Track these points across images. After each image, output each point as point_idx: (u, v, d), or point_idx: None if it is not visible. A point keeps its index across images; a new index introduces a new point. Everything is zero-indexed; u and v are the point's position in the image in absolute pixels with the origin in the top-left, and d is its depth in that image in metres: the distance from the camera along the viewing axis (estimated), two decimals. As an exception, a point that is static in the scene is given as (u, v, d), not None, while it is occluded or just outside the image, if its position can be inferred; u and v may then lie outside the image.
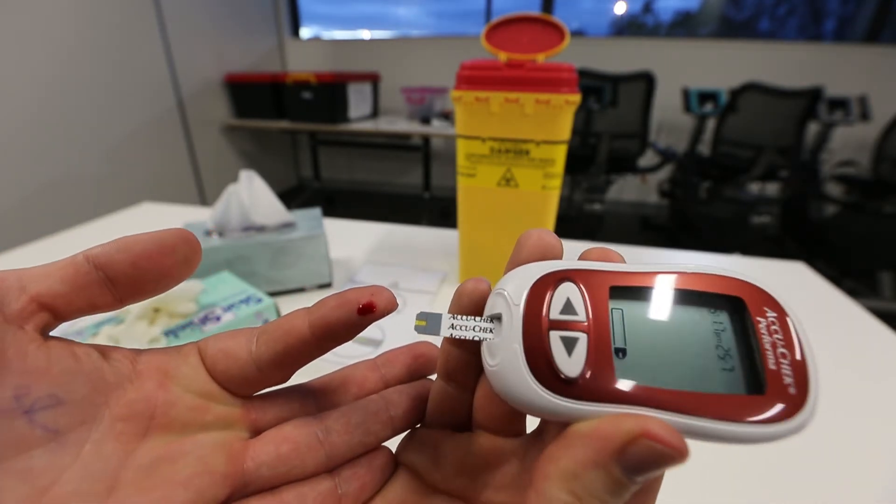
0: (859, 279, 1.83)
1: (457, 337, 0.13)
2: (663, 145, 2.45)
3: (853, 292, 0.78)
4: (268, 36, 2.80)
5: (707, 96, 2.17)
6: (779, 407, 0.11)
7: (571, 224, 2.46)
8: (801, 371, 0.11)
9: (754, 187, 2.17)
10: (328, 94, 2.25)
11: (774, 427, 0.11)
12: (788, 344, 0.11)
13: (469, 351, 0.14)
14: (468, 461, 0.14)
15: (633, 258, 0.57)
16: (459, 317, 0.13)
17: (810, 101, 1.94)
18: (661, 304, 0.12)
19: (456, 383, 0.14)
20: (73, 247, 0.72)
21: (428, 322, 0.13)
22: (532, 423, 0.15)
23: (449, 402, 0.15)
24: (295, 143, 3.16)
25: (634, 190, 2.83)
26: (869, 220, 1.78)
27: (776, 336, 0.12)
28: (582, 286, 0.12)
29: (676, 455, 0.10)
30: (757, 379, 0.11)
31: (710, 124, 2.20)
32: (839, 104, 1.98)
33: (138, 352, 0.13)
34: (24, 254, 0.67)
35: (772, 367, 0.11)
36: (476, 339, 0.13)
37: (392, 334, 0.49)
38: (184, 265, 0.13)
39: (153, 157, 2.03)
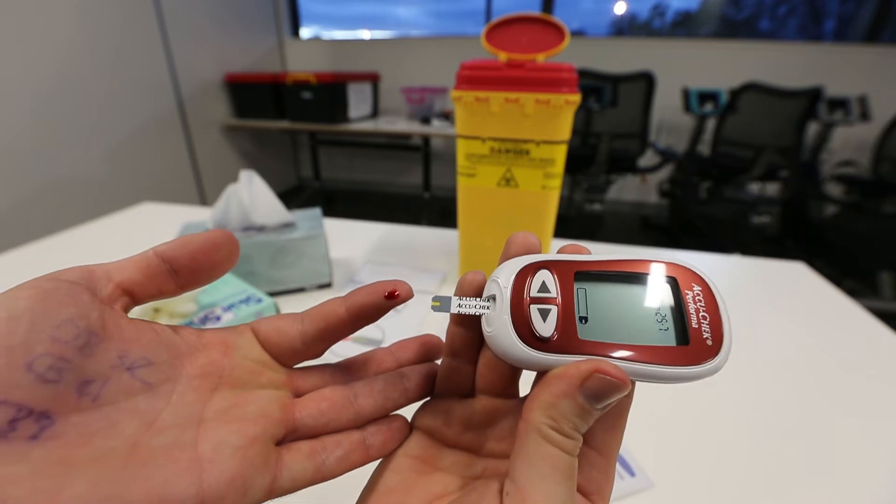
0: (859, 279, 1.83)
1: (463, 312, 0.16)
2: (663, 145, 2.45)
3: (853, 292, 0.78)
4: (268, 36, 2.80)
5: (707, 96, 2.17)
6: (699, 354, 0.15)
7: (571, 224, 2.46)
8: (716, 329, 0.15)
9: (754, 187, 2.17)
10: (328, 94, 2.25)
11: (695, 368, 0.14)
12: (708, 309, 0.15)
13: (470, 329, 0.17)
14: (473, 420, 0.18)
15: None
16: (464, 298, 0.16)
17: (810, 101, 1.94)
18: (613, 284, 0.16)
19: (460, 358, 0.18)
20: (73, 247, 0.72)
21: (441, 303, 0.16)
22: (523, 389, 0.18)
23: (455, 376, 0.18)
24: (295, 143, 3.16)
25: (634, 190, 2.83)
26: (869, 220, 1.78)
27: (699, 304, 0.15)
28: (554, 272, 0.16)
29: (621, 385, 0.13)
30: (684, 334, 0.15)
31: (710, 124, 2.20)
32: (839, 104, 1.98)
33: (201, 330, 0.17)
34: (25, 254, 0.67)
35: (695, 326, 0.15)
36: (478, 313, 0.16)
37: (391, 334, 0.49)
38: (228, 259, 0.17)
39: (153, 157, 2.03)
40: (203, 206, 1.57)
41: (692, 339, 0.15)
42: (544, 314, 0.15)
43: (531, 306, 0.15)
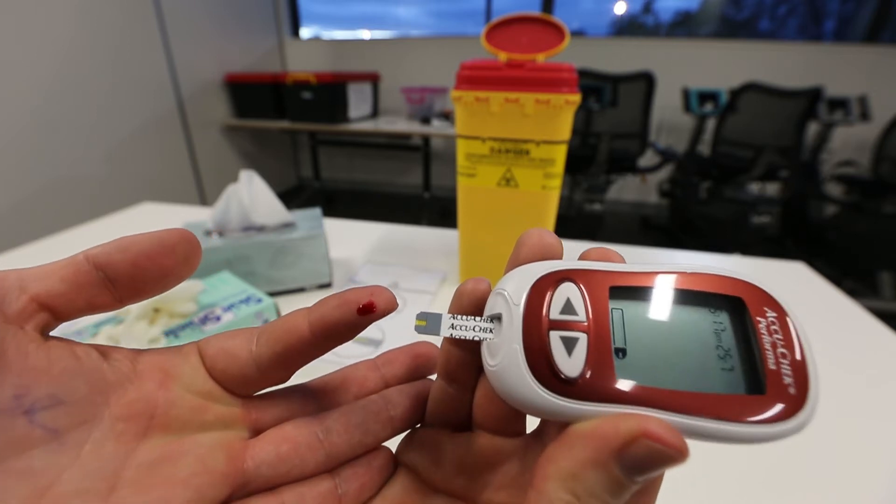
0: (859, 279, 1.83)
1: (457, 337, 0.13)
2: (663, 145, 2.45)
3: (853, 292, 0.78)
4: (268, 36, 2.80)
5: (707, 96, 2.17)
6: (779, 407, 0.11)
7: (571, 224, 2.46)
8: (800, 371, 0.11)
9: (754, 187, 2.17)
10: (328, 94, 2.25)
11: (774, 427, 0.11)
12: (788, 344, 0.11)
13: (469, 351, 0.14)
14: (468, 461, 0.14)
15: (633, 258, 0.57)
16: (459, 317, 0.13)
17: (810, 101, 1.94)
18: (661, 305, 0.12)
19: (456, 383, 0.14)
20: (73, 247, 0.72)
21: (428, 322, 0.13)
22: (532, 424, 0.15)
23: (449, 402, 0.15)
24: (295, 143, 3.16)
25: (634, 190, 2.83)
26: (869, 220, 1.78)
27: (776, 336, 0.11)
28: (582, 286, 0.12)
29: (676, 455, 0.10)
30: (757, 379, 0.11)
31: (710, 124, 2.20)
32: (839, 104, 1.98)
33: (138, 352, 0.13)
34: (24, 254, 0.67)
35: (772, 367, 0.11)
36: (476, 339, 0.12)
37: (392, 334, 0.49)
38: (184, 265, 0.13)
39: (153, 157, 2.03)
40: (203, 206, 1.57)
41: (769, 386, 0.11)
42: (570, 345, 0.11)
43: (551, 333, 0.12)
